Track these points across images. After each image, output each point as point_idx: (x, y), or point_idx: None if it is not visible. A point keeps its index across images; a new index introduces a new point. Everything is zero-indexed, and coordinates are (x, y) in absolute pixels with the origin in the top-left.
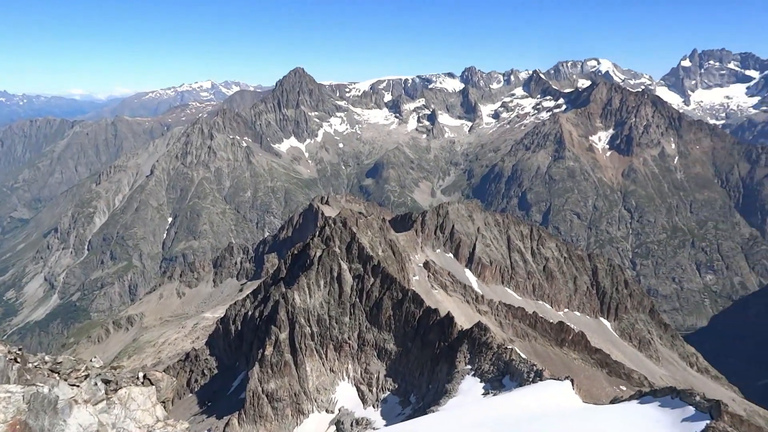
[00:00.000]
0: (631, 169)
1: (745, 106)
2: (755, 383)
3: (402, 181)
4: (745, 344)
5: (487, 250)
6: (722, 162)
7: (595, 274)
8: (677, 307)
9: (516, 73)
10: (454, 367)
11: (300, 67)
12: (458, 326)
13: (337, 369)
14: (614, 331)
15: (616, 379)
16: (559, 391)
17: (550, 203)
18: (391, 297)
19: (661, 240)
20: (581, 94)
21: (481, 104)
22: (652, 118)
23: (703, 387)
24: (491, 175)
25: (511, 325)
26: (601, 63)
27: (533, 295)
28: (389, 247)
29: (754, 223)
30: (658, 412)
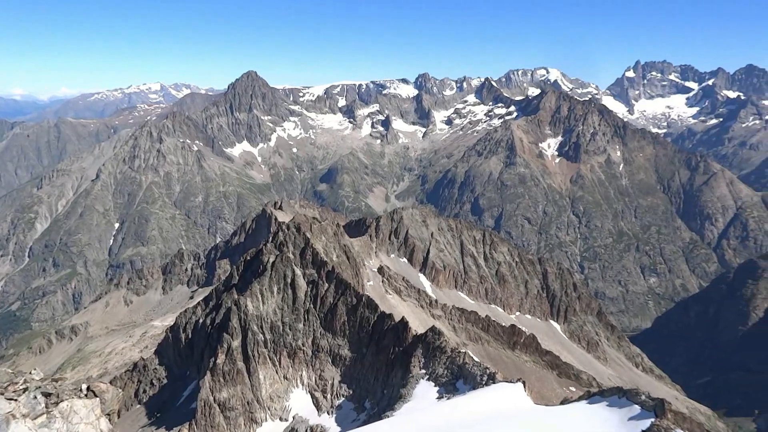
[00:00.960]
0: (579, 175)
1: (685, 116)
2: (696, 382)
3: (356, 187)
4: (686, 344)
5: (441, 255)
6: (664, 169)
7: (546, 277)
8: (623, 309)
9: (468, 80)
10: (408, 371)
11: (253, 71)
12: (412, 331)
13: (291, 376)
14: (564, 333)
15: (566, 380)
16: (511, 393)
17: (502, 208)
18: (345, 302)
19: (608, 244)
20: (531, 102)
21: (435, 110)
22: (599, 126)
23: (648, 386)
24: (445, 180)
25: (464, 329)
26: (550, 72)
27: (486, 299)
28: (343, 253)
29: (693, 227)
30: (606, 412)
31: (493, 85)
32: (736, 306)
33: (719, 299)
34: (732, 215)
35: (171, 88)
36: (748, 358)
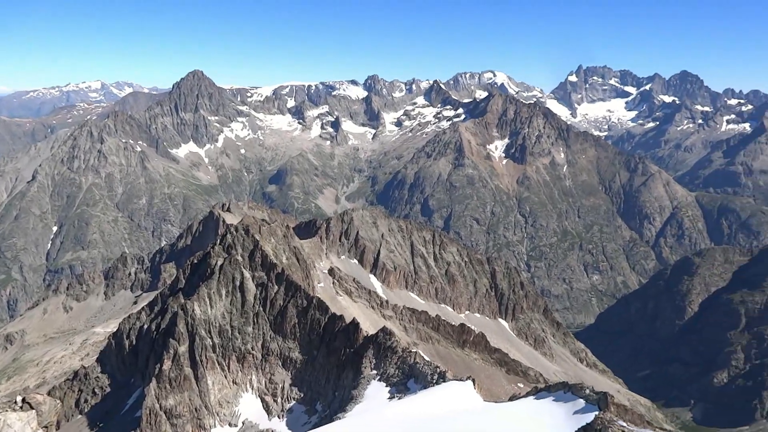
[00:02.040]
0: (525, 176)
1: (625, 119)
2: (637, 375)
3: (306, 188)
4: (627, 339)
5: (391, 256)
6: (605, 170)
7: (494, 276)
8: (568, 306)
9: (418, 82)
10: (359, 372)
11: (198, 70)
12: (363, 332)
13: (240, 381)
14: (512, 330)
15: (514, 377)
16: (461, 391)
17: (452, 209)
18: (295, 305)
19: (553, 243)
20: (479, 105)
21: (384, 112)
22: (544, 128)
23: (592, 380)
24: (395, 181)
25: (415, 329)
26: (496, 75)
27: (436, 299)
28: (293, 255)
29: (633, 226)
30: (553, 407)
31: (442, 87)
32: (673, 301)
33: (657, 295)
34: (668, 215)
35: (112, 87)
36: (684, 351)
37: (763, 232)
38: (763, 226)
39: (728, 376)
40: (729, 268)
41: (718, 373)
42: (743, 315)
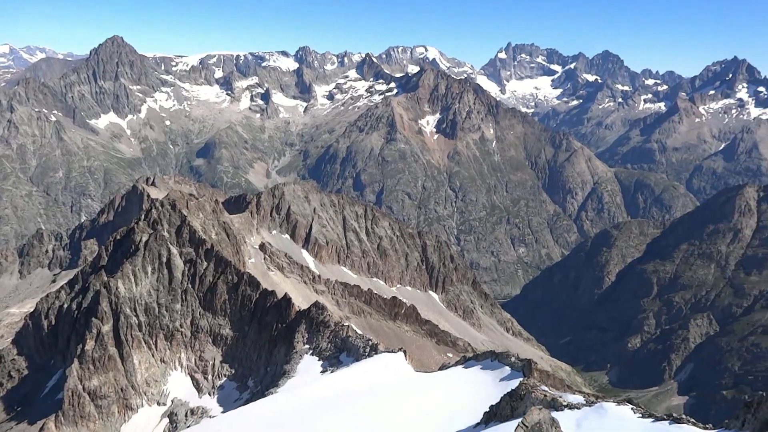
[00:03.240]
0: (456, 151)
1: (550, 96)
2: (558, 342)
3: (236, 162)
4: (550, 308)
5: (324, 231)
6: (532, 146)
7: (425, 250)
8: (495, 278)
9: (350, 55)
10: (292, 347)
11: (118, 36)
12: (296, 307)
13: (168, 359)
14: (442, 302)
15: (444, 347)
16: (393, 362)
17: (383, 184)
18: (225, 281)
19: (482, 217)
20: (411, 79)
21: (316, 85)
22: (474, 104)
23: (517, 348)
24: (327, 156)
25: (347, 303)
26: (428, 50)
27: (368, 273)
28: (223, 230)
29: (557, 201)
30: (480, 374)
31: (374, 61)
32: (592, 272)
33: (578, 266)
34: (590, 189)
35: (22, 52)
36: (601, 318)
37: (675, 206)
38: (674, 200)
39: (641, 340)
40: (643, 240)
41: (631, 338)
42: (655, 284)
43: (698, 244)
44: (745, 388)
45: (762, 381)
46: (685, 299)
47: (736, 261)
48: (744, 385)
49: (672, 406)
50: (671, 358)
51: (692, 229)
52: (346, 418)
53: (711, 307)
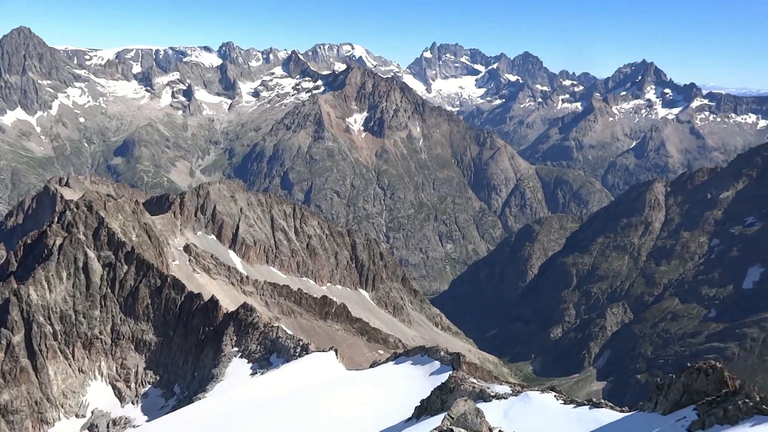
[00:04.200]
0: (384, 150)
1: (475, 96)
2: (485, 335)
3: (157, 161)
4: (477, 302)
5: (251, 231)
6: (458, 144)
7: (354, 248)
8: (424, 274)
9: (275, 52)
10: (220, 351)
11: (25, 27)
12: (223, 309)
13: (87, 368)
14: (372, 300)
15: (375, 345)
16: (324, 362)
17: (312, 182)
18: (148, 285)
19: (410, 215)
20: (338, 77)
21: (241, 82)
22: (401, 103)
23: (446, 343)
24: (253, 154)
25: (276, 304)
26: (355, 48)
27: (298, 272)
28: (144, 232)
29: (482, 197)
30: (411, 370)
31: (300, 58)
32: (516, 266)
33: (503, 260)
34: (513, 186)
35: None
36: (525, 310)
37: (591, 201)
38: (591, 195)
39: (562, 330)
40: (563, 234)
41: (554, 328)
42: (574, 275)
43: (613, 237)
44: (657, 371)
45: (672, 364)
46: (602, 289)
47: (647, 252)
48: (656, 369)
49: (592, 392)
50: (590, 346)
51: (607, 222)
52: (277, 419)
53: (625, 296)
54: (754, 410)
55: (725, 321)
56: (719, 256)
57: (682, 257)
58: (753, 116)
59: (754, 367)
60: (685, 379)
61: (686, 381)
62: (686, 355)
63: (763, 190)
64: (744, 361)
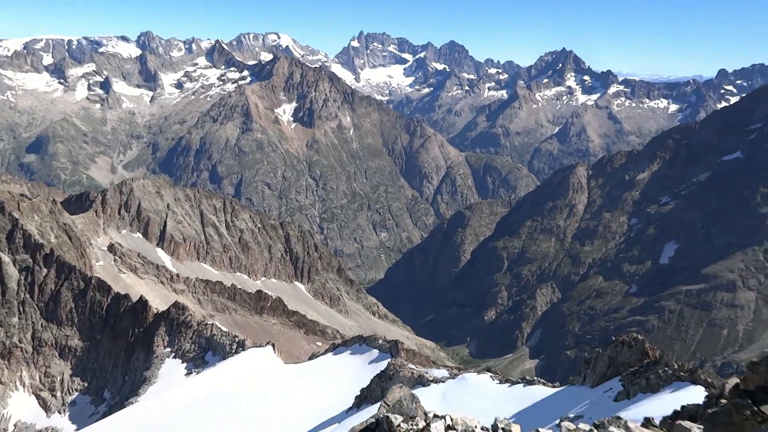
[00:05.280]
0: (314, 140)
1: (403, 84)
2: (422, 321)
3: (74, 157)
4: (413, 289)
5: (180, 227)
6: (388, 133)
7: (288, 241)
8: (360, 263)
9: (198, 42)
10: (152, 352)
11: None
12: (153, 309)
13: (7, 379)
14: (308, 292)
15: (313, 337)
16: (261, 357)
17: (242, 175)
18: (71, 288)
19: (343, 205)
20: (265, 67)
21: (162, 73)
22: (330, 92)
23: (384, 331)
24: (179, 148)
25: (210, 301)
26: (281, 38)
27: (230, 268)
28: (64, 233)
29: (414, 185)
30: (350, 359)
31: (225, 48)
32: (449, 252)
33: (437, 247)
34: (443, 173)
35: None
36: (459, 294)
37: (519, 186)
38: (518, 180)
39: (495, 312)
40: (493, 219)
41: (487, 311)
42: (505, 259)
43: (540, 220)
44: (585, 347)
45: (598, 339)
46: (532, 271)
47: (573, 234)
48: (584, 344)
49: (525, 370)
50: (522, 326)
51: (534, 206)
52: (215, 419)
53: (553, 276)
54: (673, 377)
55: (645, 295)
56: (638, 235)
57: (605, 237)
58: (665, 101)
59: (672, 338)
60: (610, 353)
61: (611, 354)
62: (611, 329)
63: (675, 171)
64: (663, 332)
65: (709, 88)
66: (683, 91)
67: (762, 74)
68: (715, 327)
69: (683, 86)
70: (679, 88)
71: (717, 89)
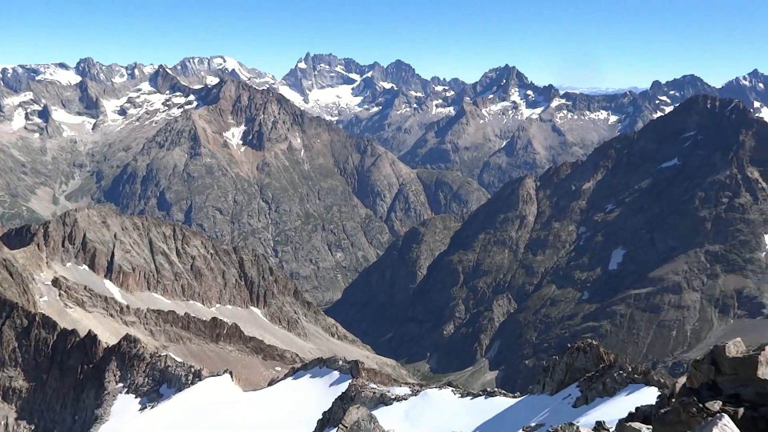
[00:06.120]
0: (265, 163)
1: (352, 104)
2: (382, 339)
3: (13, 189)
4: (371, 308)
5: (128, 257)
6: (339, 153)
7: (242, 266)
8: (316, 285)
9: (140, 67)
10: (103, 389)
11: None
12: (103, 344)
13: None
14: (265, 317)
15: (271, 362)
16: (219, 386)
17: (191, 201)
18: (13, 326)
19: (297, 226)
20: (211, 91)
21: (104, 99)
22: (279, 114)
23: (344, 352)
24: (124, 175)
25: (163, 331)
26: (227, 61)
27: (183, 296)
28: (4, 269)
29: (368, 204)
30: (310, 383)
31: (169, 72)
32: (406, 268)
33: (393, 264)
34: (396, 191)
35: None
36: (418, 310)
37: (471, 200)
38: (470, 194)
39: (454, 326)
40: (447, 234)
41: (446, 325)
42: (461, 272)
43: (493, 233)
44: (542, 355)
45: (555, 347)
46: (487, 283)
47: (525, 244)
48: (541, 353)
49: (486, 382)
50: (481, 338)
51: (486, 219)
52: None
53: (509, 287)
54: (628, 380)
55: (597, 301)
56: (586, 243)
57: (555, 246)
58: (604, 113)
59: (624, 341)
60: (567, 359)
61: (568, 361)
62: (566, 336)
63: (618, 179)
64: (616, 336)
65: (644, 99)
66: (621, 103)
67: (692, 85)
68: (665, 328)
69: (621, 98)
70: (617, 100)
71: (652, 100)
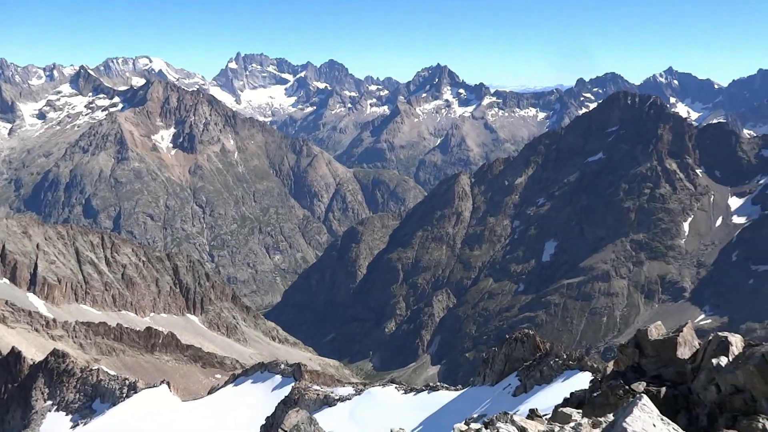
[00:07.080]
0: (197, 166)
1: (286, 105)
2: (324, 340)
3: None
4: (311, 309)
5: (53, 268)
6: (274, 154)
7: (177, 272)
8: (255, 289)
9: (60, 68)
10: (30, 408)
11: None
12: (29, 360)
13: None
14: (202, 324)
15: (210, 370)
16: (156, 397)
17: (120, 207)
18: None
19: (233, 230)
20: (137, 93)
21: (21, 103)
22: (210, 116)
23: (285, 355)
24: (45, 183)
25: (93, 344)
26: (153, 61)
27: (115, 306)
28: None
29: (305, 205)
30: (252, 388)
31: (91, 74)
32: (345, 268)
33: (332, 265)
34: (333, 191)
35: None
36: (359, 309)
37: (408, 198)
38: (406, 192)
39: (395, 324)
40: (386, 232)
41: (387, 323)
42: (401, 270)
43: (430, 230)
44: (482, 347)
45: (494, 339)
46: (427, 279)
47: (462, 240)
48: (481, 345)
49: (429, 377)
50: (422, 334)
51: (424, 216)
52: None
53: (447, 283)
54: (563, 367)
55: (532, 292)
56: (521, 236)
57: (491, 240)
58: (533, 110)
59: (559, 329)
60: (505, 350)
61: (507, 351)
62: (504, 328)
63: (548, 173)
64: (551, 325)
65: (570, 96)
66: (548, 100)
67: (614, 82)
68: (596, 315)
69: (548, 95)
70: (544, 97)
71: (577, 97)
